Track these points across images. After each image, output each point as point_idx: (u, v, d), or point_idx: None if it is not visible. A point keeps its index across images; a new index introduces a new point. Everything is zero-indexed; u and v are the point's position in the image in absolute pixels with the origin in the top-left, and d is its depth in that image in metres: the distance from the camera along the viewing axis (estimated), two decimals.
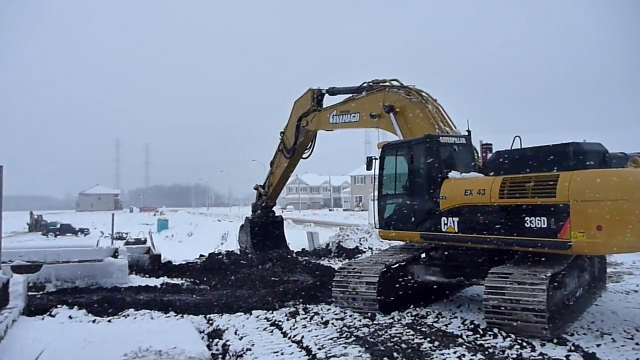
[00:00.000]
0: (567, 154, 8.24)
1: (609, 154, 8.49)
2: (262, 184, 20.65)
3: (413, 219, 10.50)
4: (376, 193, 11.64)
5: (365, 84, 14.78)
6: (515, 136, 10.05)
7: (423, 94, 12.97)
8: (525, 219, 8.31)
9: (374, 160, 11.66)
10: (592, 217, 7.57)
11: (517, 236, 8.43)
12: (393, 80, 14.08)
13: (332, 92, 16.88)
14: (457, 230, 9.47)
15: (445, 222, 9.67)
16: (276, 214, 21.09)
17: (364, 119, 14.59)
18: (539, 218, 8.14)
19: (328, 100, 17.26)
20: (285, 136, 18.88)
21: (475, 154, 11.12)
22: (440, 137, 10.47)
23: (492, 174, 9.41)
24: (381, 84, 14.28)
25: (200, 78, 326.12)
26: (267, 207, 20.57)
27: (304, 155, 18.87)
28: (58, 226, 64.40)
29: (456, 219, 9.47)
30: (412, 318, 9.35)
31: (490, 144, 10.94)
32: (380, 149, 11.67)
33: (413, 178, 10.73)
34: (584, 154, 8.12)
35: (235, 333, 8.56)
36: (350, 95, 15.54)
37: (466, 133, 11.14)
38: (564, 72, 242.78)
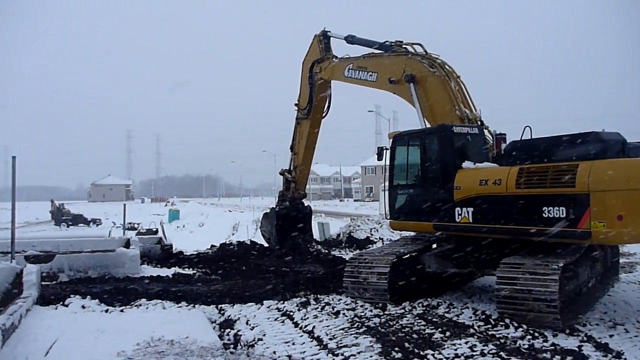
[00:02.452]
0: (586, 143, 8.15)
1: (627, 144, 8.39)
2: (287, 169, 19.23)
3: (426, 209, 10.40)
4: (387, 183, 11.56)
5: (387, 43, 13.89)
6: (526, 126, 10.00)
7: (447, 67, 12.23)
8: (543, 208, 8.25)
9: (384, 151, 11.53)
10: (613, 207, 7.53)
11: (535, 226, 8.36)
12: (416, 44, 13.25)
13: (351, 41, 15.66)
14: (471, 221, 9.40)
15: (460, 212, 9.60)
16: (305, 205, 19.74)
17: (381, 81, 13.77)
18: (557, 208, 8.08)
19: (344, 49, 16.27)
20: (300, 98, 17.99)
21: (488, 144, 11.00)
22: (454, 127, 10.38)
23: (506, 164, 9.32)
24: (405, 46, 13.47)
25: (211, 68, 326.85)
26: (295, 198, 19.09)
27: (322, 114, 17.80)
28: (77, 214, 64.80)
29: (471, 209, 9.40)
30: (423, 308, 9.34)
31: (504, 134, 10.82)
32: (391, 139, 11.53)
33: (426, 168, 10.64)
34: (604, 144, 8.03)
35: (247, 323, 8.60)
36: (370, 52, 14.67)
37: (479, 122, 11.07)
38: (569, 61, 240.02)
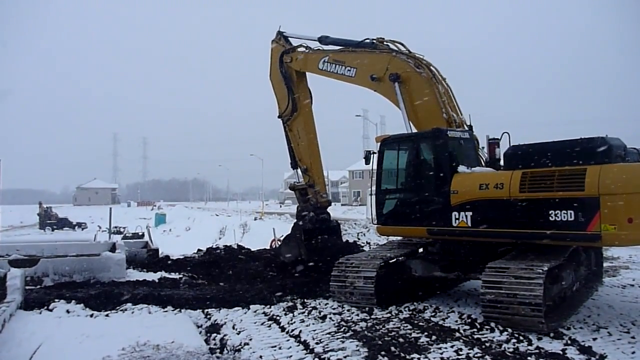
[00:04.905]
0: (593, 148, 8.23)
1: (626, 149, 8.55)
2: (297, 181, 16.43)
3: (418, 214, 10.29)
4: (374, 188, 11.38)
5: (368, 40, 13.20)
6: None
7: (432, 68, 11.84)
8: (550, 212, 8.32)
9: (372, 154, 11.40)
10: (623, 210, 7.68)
11: (541, 230, 8.44)
12: (398, 42, 12.65)
13: (325, 41, 14.47)
14: (470, 225, 9.37)
15: (457, 216, 9.55)
16: (331, 218, 16.19)
17: (361, 77, 13.01)
18: (565, 211, 8.16)
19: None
20: (280, 106, 16.25)
21: (478, 149, 11.05)
22: (448, 132, 10.33)
23: (506, 168, 9.36)
24: (388, 43, 12.81)
25: (198, 72, 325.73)
26: (320, 206, 15.68)
27: (310, 100, 16.08)
28: (62, 218, 64.30)
29: (469, 214, 9.37)
30: (410, 312, 9.37)
31: (498, 139, 10.71)
32: (379, 143, 11.36)
33: (418, 172, 10.55)
34: (609, 149, 8.14)
35: (233, 327, 8.58)
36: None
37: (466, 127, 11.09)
38: (557, 66, 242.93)
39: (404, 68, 11.90)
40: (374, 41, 13.06)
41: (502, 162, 10.37)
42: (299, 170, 16.34)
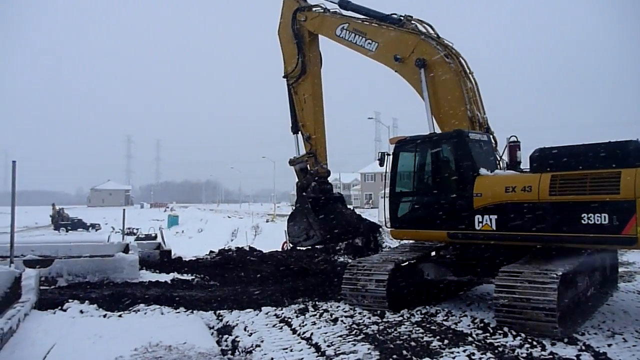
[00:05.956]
0: (626, 151, 8.23)
1: None
2: (297, 157, 15.67)
3: (438, 217, 10.10)
4: (388, 190, 11.12)
5: (395, 16, 12.33)
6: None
7: (461, 59, 11.21)
8: (582, 215, 8.26)
9: (386, 156, 11.12)
10: None
11: (572, 233, 8.40)
12: (427, 24, 11.83)
13: (345, 6, 13.56)
14: (494, 228, 9.26)
15: (480, 220, 9.42)
16: (333, 189, 15.64)
17: (383, 54, 12.26)
18: (598, 215, 8.11)
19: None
20: (286, 65, 15.39)
21: (496, 151, 10.92)
22: (470, 134, 10.20)
23: (532, 171, 9.26)
24: (415, 23, 12.04)
25: (212, 75, 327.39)
26: (320, 175, 15.08)
27: (320, 65, 15.36)
28: (76, 219, 65.05)
29: (494, 217, 9.26)
30: (422, 316, 9.32)
31: (519, 142, 10.63)
32: (394, 145, 11.06)
33: (438, 175, 10.43)
34: None
35: (245, 329, 8.58)
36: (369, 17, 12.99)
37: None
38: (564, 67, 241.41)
39: (432, 54, 11.23)
40: (402, 18, 12.27)
41: (522, 165, 10.33)
42: (299, 135, 15.61)
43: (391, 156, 11.04)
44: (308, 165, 15.27)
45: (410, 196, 10.99)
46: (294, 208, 15.46)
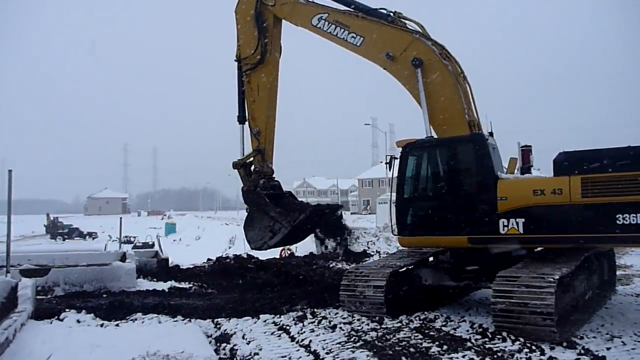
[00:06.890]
0: None
1: None
2: (242, 158, 14.28)
3: (456, 223, 9.86)
4: (395, 196, 10.65)
5: (383, 10, 11.61)
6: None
7: (456, 61, 10.97)
8: (617, 216, 8.39)
9: (394, 160, 10.78)
10: None
11: (606, 233, 8.53)
12: (417, 23, 11.29)
13: None
14: (522, 232, 9.18)
15: (506, 224, 9.30)
16: (280, 185, 14.48)
17: (369, 49, 11.50)
18: (633, 215, 8.27)
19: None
20: (241, 48, 13.95)
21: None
22: (487, 138, 10.14)
23: (557, 174, 9.26)
24: (406, 21, 11.44)
25: (208, 82, 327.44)
26: (265, 174, 14.05)
27: (279, 53, 14.03)
28: (73, 227, 64.91)
29: (521, 220, 9.18)
30: (421, 322, 9.30)
31: (530, 146, 10.62)
32: (402, 148, 10.60)
33: (456, 179, 10.25)
34: None
35: (243, 337, 8.55)
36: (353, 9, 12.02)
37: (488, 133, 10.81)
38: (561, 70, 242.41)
39: (428, 55, 10.66)
40: (391, 14, 11.55)
41: (536, 168, 10.45)
42: (246, 126, 14.28)
43: (399, 160, 10.59)
44: (253, 164, 14.24)
45: (423, 201, 10.66)
46: (247, 213, 14.27)
